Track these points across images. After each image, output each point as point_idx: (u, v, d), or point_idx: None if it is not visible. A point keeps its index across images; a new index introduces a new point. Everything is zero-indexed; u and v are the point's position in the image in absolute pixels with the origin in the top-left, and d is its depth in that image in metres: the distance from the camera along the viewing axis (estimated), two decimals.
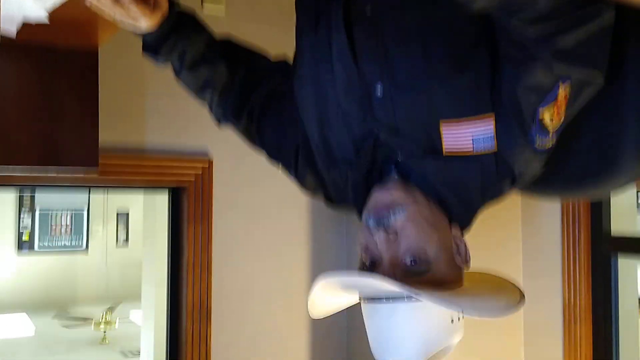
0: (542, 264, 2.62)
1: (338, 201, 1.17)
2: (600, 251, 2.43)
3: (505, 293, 0.99)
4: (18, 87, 1.43)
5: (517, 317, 2.72)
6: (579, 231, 2.46)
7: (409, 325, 0.94)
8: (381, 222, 0.97)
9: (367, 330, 1.00)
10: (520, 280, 2.45)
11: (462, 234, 1.02)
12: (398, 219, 0.96)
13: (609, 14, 0.86)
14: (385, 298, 0.95)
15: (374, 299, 0.97)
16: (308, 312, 1.11)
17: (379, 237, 0.97)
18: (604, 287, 2.43)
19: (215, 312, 2.22)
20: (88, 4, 1.03)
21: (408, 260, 0.96)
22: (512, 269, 2.59)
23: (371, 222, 0.98)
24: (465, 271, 1.02)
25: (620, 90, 1.00)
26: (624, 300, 2.44)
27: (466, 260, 1.01)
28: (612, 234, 2.44)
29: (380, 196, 1.00)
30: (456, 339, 0.97)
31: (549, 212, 2.59)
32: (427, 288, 0.93)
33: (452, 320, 0.95)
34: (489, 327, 2.63)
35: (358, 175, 1.06)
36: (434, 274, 0.96)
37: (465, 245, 1.01)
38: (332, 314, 1.12)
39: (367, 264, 0.99)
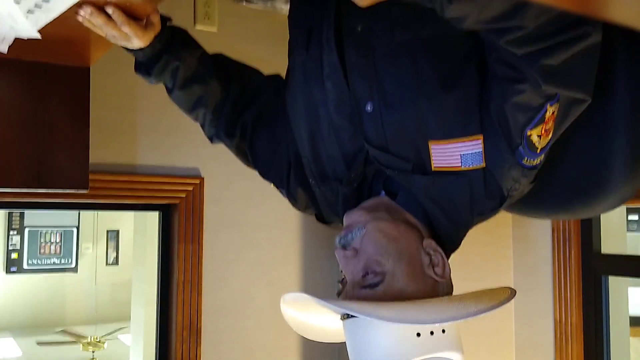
0: (533, 283, 2.62)
1: (329, 217, 1.17)
2: (590, 270, 2.44)
3: (486, 299, 0.94)
4: (8, 104, 1.42)
5: (509, 336, 2.72)
6: (569, 250, 2.47)
7: (365, 340, 0.93)
8: (341, 242, 1.00)
9: None
10: None
11: (445, 250, 1.01)
12: (355, 237, 0.99)
13: (596, 35, 0.87)
14: (345, 315, 0.96)
15: (342, 316, 0.98)
16: (301, 334, 1.12)
17: (340, 256, 1.00)
18: (595, 305, 2.43)
19: (205, 331, 2.20)
20: (81, 20, 1.04)
21: (362, 274, 0.97)
22: None
23: (336, 243, 1.02)
24: (441, 283, 0.99)
25: (609, 110, 1.01)
26: (615, 319, 2.45)
27: (443, 273, 0.98)
28: (602, 253, 2.45)
29: (345, 219, 1.03)
30: (437, 354, 0.92)
31: (540, 230, 2.60)
32: (372, 301, 0.93)
33: (419, 334, 0.91)
34: (480, 345, 2.62)
35: (349, 191, 1.07)
36: (390, 286, 0.95)
37: (443, 259, 0.99)
38: (326, 334, 1.12)
39: (341, 283, 1.02)
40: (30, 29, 1.10)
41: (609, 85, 1.00)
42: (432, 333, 0.92)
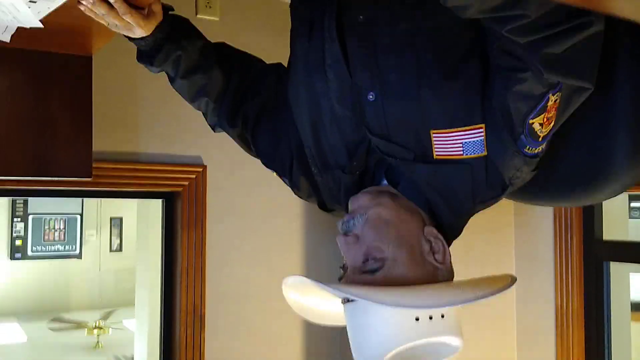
0: (534, 269, 2.63)
1: (331, 206, 1.18)
2: (592, 256, 2.45)
3: (485, 286, 0.95)
4: (10, 94, 1.42)
5: (510, 321, 2.73)
6: (571, 236, 2.48)
7: (364, 324, 0.94)
8: (343, 228, 1.01)
9: None
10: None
11: (447, 238, 1.01)
12: (357, 223, 0.99)
13: (598, 25, 0.87)
14: (345, 299, 0.97)
15: (342, 300, 0.99)
16: (302, 316, 1.13)
17: (341, 241, 1.00)
18: (596, 291, 2.44)
19: (209, 317, 2.22)
20: (83, 9, 1.04)
21: (362, 259, 0.98)
22: None
23: (338, 229, 1.02)
24: (441, 269, 0.99)
25: (611, 100, 1.02)
26: (616, 305, 2.46)
27: (443, 260, 0.99)
28: (604, 239, 2.46)
29: (351, 203, 1.03)
30: (436, 338, 0.93)
31: (541, 217, 2.61)
32: (372, 286, 0.93)
33: (418, 319, 0.91)
34: (482, 330, 2.64)
35: (351, 180, 1.07)
36: (390, 272, 0.95)
37: (444, 245, 0.99)
38: (329, 317, 1.13)
39: (343, 268, 1.03)
40: (32, 19, 1.10)
41: (611, 76, 1.00)
42: (430, 318, 0.92)
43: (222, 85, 1.22)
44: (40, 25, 1.13)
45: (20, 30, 1.19)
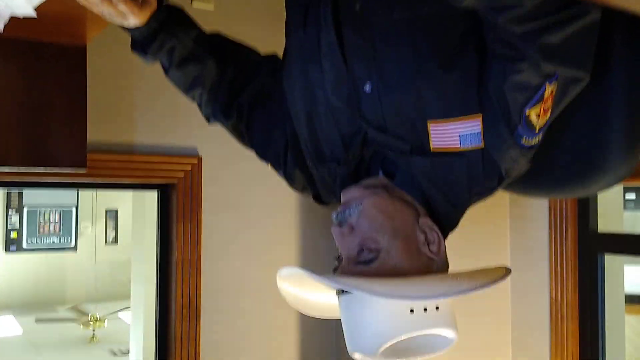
0: (529, 261, 2.64)
1: (326, 198, 1.18)
2: (587, 249, 2.45)
3: (480, 277, 0.94)
4: (3, 84, 1.42)
5: (505, 314, 2.74)
6: (566, 229, 2.48)
7: (358, 315, 0.93)
8: (338, 218, 1.01)
9: None
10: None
11: (443, 230, 1.01)
12: (353, 214, 0.99)
13: (594, 14, 0.87)
14: (340, 291, 0.97)
15: (337, 291, 0.98)
16: (297, 309, 1.13)
17: (336, 232, 1.00)
18: (591, 284, 2.45)
19: (204, 310, 2.22)
20: None
21: (357, 250, 0.97)
22: None
23: (332, 220, 1.02)
24: (436, 260, 0.99)
25: (607, 91, 1.01)
26: (610, 297, 2.47)
27: (438, 251, 0.99)
28: (599, 231, 2.46)
29: (343, 196, 1.03)
30: (430, 330, 0.93)
31: (536, 209, 2.61)
32: (366, 277, 0.93)
33: (412, 310, 0.91)
34: (477, 323, 2.65)
35: (346, 172, 1.07)
36: (385, 263, 0.95)
37: (439, 237, 0.99)
38: (324, 310, 1.13)
39: (337, 259, 1.02)
40: (26, 7, 1.10)
41: (606, 66, 0.99)
42: (425, 310, 0.92)
43: (217, 76, 1.21)
44: (34, 14, 1.12)
45: (13, 20, 1.19)
